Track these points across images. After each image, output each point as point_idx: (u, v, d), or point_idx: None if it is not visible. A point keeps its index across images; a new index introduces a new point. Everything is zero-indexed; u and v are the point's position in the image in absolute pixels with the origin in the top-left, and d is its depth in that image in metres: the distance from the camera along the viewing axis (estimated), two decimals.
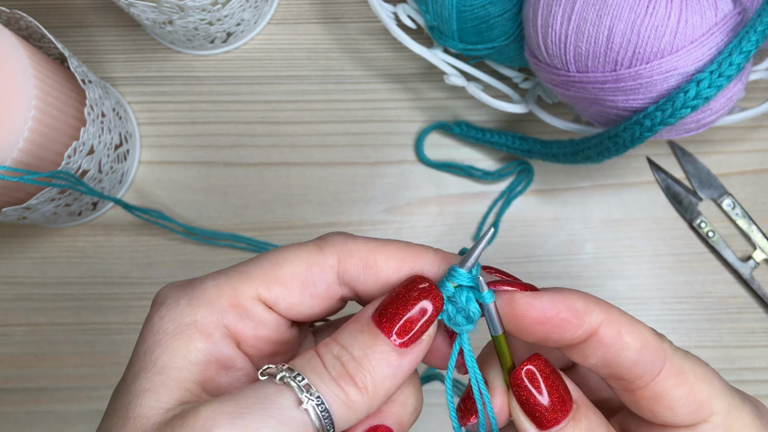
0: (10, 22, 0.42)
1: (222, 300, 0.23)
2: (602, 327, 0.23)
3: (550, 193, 0.50)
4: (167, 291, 0.24)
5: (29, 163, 0.39)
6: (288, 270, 0.24)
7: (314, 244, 0.24)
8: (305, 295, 0.24)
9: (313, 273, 0.24)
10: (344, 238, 0.25)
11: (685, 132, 0.40)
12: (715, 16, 0.36)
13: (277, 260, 0.24)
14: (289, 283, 0.24)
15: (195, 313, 0.23)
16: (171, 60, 0.52)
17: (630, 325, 0.23)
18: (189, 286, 0.24)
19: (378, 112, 0.51)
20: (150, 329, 0.23)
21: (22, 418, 0.48)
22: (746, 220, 0.49)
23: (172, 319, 0.23)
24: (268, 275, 0.23)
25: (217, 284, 0.23)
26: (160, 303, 0.24)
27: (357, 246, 0.24)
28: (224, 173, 0.50)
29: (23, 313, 0.49)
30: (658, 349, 0.23)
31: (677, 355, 0.23)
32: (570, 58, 0.38)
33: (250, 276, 0.23)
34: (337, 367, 0.21)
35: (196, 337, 0.23)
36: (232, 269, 0.24)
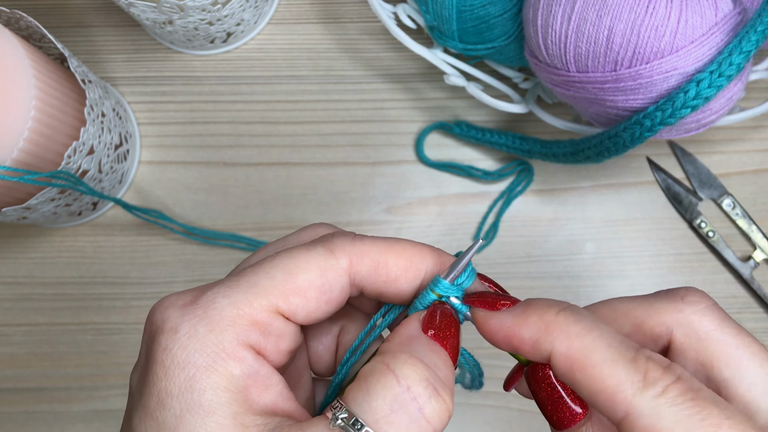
0: (10, 22, 0.42)
1: (242, 319, 0.22)
2: (552, 358, 0.21)
3: (550, 193, 0.50)
4: (175, 314, 0.22)
5: (29, 163, 0.39)
6: (304, 278, 0.23)
7: (323, 247, 0.24)
8: (322, 302, 0.23)
9: (329, 279, 0.23)
10: (352, 240, 0.24)
11: (685, 132, 0.40)
12: (715, 16, 0.36)
13: (290, 269, 0.23)
14: (306, 292, 0.23)
15: (220, 339, 0.21)
16: (171, 60, 0.52)
17: (587, 362, 0.20)
18: (199, 307, 0.22)
19: (378, 112, 0.51)
20: (174, 362, 0.21)
21: (22, 418, 0.48)
22: (746, 220, 0.49)
23: (197, 350, 0.21)
24: (284, 287, 0.22)
25: (232, 303, 0.22)
26: (172, 330, 0.22)
27: (367, 247, 0.24)
28: (224, 173, 0.50)
29: (23, 313, 0.49)
30: (621, 399, 0.20)
31: (657, 410, 0.19)
32: (570, 58, 0.38)
33: (265, 289, 0.22)
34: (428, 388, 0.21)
35: (230, 365, 0.21)
36: (241, 281, 0.23)
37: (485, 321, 0.23)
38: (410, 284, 0.24)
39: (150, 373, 0.22)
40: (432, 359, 0.22)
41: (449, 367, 0.22)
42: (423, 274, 0.24)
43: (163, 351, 0.22)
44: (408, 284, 0.24)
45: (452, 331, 0.23)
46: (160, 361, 0.22)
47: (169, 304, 0.23)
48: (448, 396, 0.21)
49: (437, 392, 0.21)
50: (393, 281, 0.24)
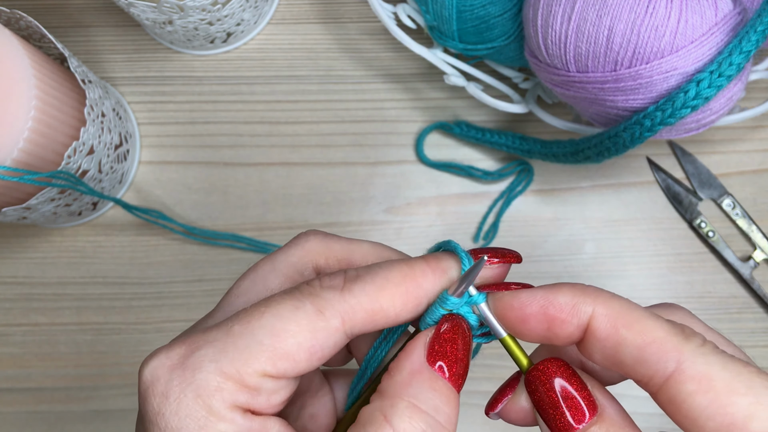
0: (10, 22, 0.42)
1: (229, 385, 0.22)
2: (594, 320, 0.21)
3: (550, 193, 0.50)
4: (163, 376, 0.22)
5: (29, 163, 0.39)
6: (292, 342, 0.22)
7: (312, 304, 0.23)
8: (314, 361, 0.23)
9: (319, 340, 0.22)
10: (341, 294, 0.23)
11: (685, 132, 0.40)
12: (715, 16, 0.36)
13: (277, 332, 0.22)
14: (295, 356, 0.22)
15: (209, 404, 0.21)
16: (171, 60, 0.52)
17: (631, 318, 0.21)
18: (187, 371, 0.22)
19: (378, 112, 0.51)
20: (168, 427, 0.22)
21: (22, 418, 0.48)
22: (746, 220, 0.49)
23: (188, 416, 0.21)
24: (272, 352, 0.22)
25: (218, 369, 0.22)
26: (163, 395, 0.22)
27: (357, 300, 0.23)
28: (224, 173, 0.50)
29: (23, 313, 0.49)
30: (670, 347, 0.20)
31: (705, 358, 0.20)
32: (570, 58, 0.38)
33: (252, 353, 0.22)
34: None
35: (221, 426, 0.21)
36: (228, 344, 0.22)
37: (513, 299, 0.22)
38: (413, 314, 0.24)
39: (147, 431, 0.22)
40: (434, 402, 0.21)
41: (452, 405, 0.22)
42: (425, 300, 0.24)
43: (157, 415, 0.22)
44: (410, 314, 0.24)
45: (462, 352, 0.23)
46: (156, 424, 0.22)
47: (159, 364, 0.23)
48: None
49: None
50: (393, 320, 0.23)
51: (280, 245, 0.49)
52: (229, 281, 0.49)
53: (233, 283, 0.27)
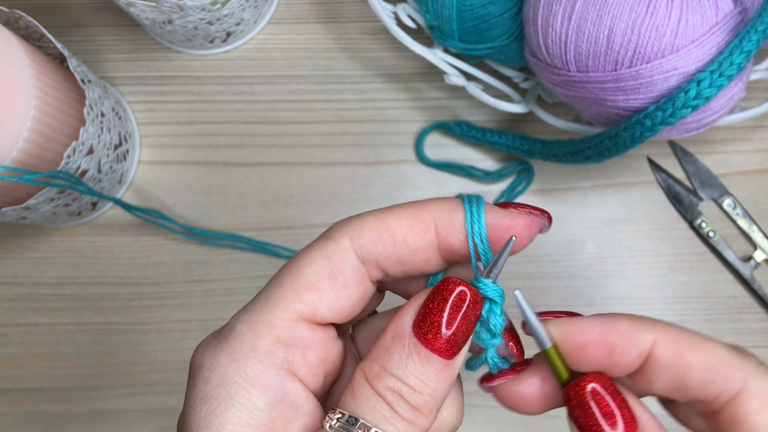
0: (10, 21, 0.42)
1: (263, 341, 0.21)
2: (657, 346, 0.21)
3: (550, 193, 0.50)
4: (201, 350, 0.22)
5: (29, 163, 0.39)
6: (310, 272, 0.22)
7: (321, 237, 0.23)
8: (338, 287, 0.22)
9: (335, 263, 0.22)
10: (348, 219, 0.23)
11: (686, 132, 0.40)
12: (716, 15, 0.36)
13: (294, 270, 0.22)
14: (317, 283, 0.22)
15: (243, 368, 0.21)
16: (171, 60, 0.52)
17: (692, 342, 0.21)
18: (222, 337, 0.22)
19: (378, 112, 0.51)
20: (197, 397, 0.21)
21: (21, 418, 0.48)
22: (747, 220, 0.49)
23: (219, 383, 0.21)
24: (294, 288, 0.22)
25: (250, 326, 0.21)
26: (198, 365, 0.21)
27: (364, 220, 0.23)
28: (224, 173, 0.50)
29: (23, 313, 0.49)
30: (734, 367, 0.21)
31: (762, 372, 0.21)
32: (570, 58, 0.38)
33: (277, 299, 0.22)
34: (402, 405, 0.20)
35: (254, 395, 0.20)
36: (255, 302, 0.22)
37: (572, 325, 0.22)
38: (422, 240, 0.23)
39: (183, 410, 0.22)
40: (409, 370, 0.20)
41: (432, 374, 0.21)
42: (433, 226, 0.23)
43: (191, 387, 0.21)
44: (420, 241, 0.23)
45: (457, 324, 0.21)
46: (188, 399, 0.21)
47: (202, 343, 0.22)
48: (424, 419, 0.21)
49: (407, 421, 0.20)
50: (402, 242, 0.23)
51: (279, 245, 0.49)
52: (229, 281, 0.49)
53: None
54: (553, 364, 0.22)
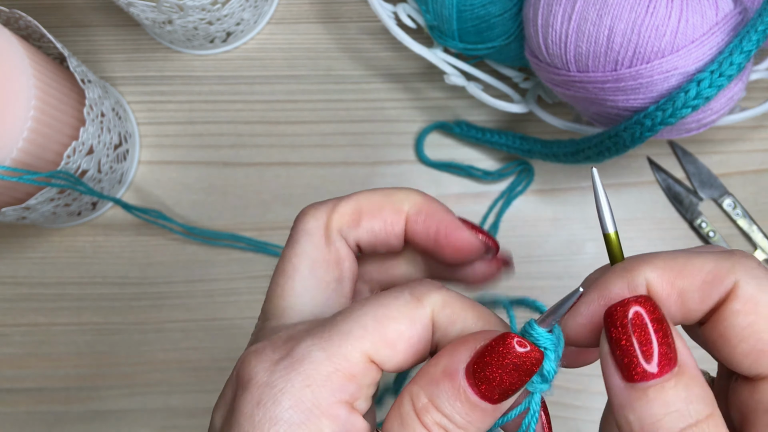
0: (10, 21, 0.42)
1: (339, 374, 0.21)
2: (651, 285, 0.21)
3: (551, 193, 0.50)
4: (265, 367, 0.22)
5: (28, 163, 0.39)
6: (394, 329, 0.22)
7: (409, 293, 0.23)
8: (410, 354, 0.22)
9: (417, 331, 0.22)
10: (438, 287, 0.23)
11: (686, 132, 0.40)
12: (716, 15, 0.36)
13: (380, 318, 0.22)
14: (396, 344, 0.22)
15: (317, 395, 0.21)
16: (171, 60, 0.52)
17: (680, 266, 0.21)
18: (294, 360, 0.22)
19: (378, 112, 0.51)
20: (265, 417, 0.21)
21: (22, 418, 0.48)
22: (747, 220, 0.49)
23: (291, 407, 0.21)
24: (375, 336, 0.22)
25: (328, 356, 0.21)
26: (267, 385, 0.21)
27: (452, 299, 0.23)
28: (224, 173, 0.50)
29: (23, 313, 0.49)
30: (724, 274, 0.20)
31: (758, 281, 0.20)
32: (570, 58, 0.38)
33: (357, 338, 0.22)
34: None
35: (323, 423, 0.21)
36: (333, 330, 0.22)
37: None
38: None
39: (236, 423, 0.21)
40: (452, 409, 0.21)
41: (476, 416, 0.21)
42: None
43: (256, 405, 0.21)
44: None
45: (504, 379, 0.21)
46: (249, 415, 0.21)
47: (264, 356, 0.22)
48: None
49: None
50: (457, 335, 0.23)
51: (280, 245, 0.49)
52: (229, 281, 0.49)
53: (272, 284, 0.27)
54: (612, 249, 0.23)
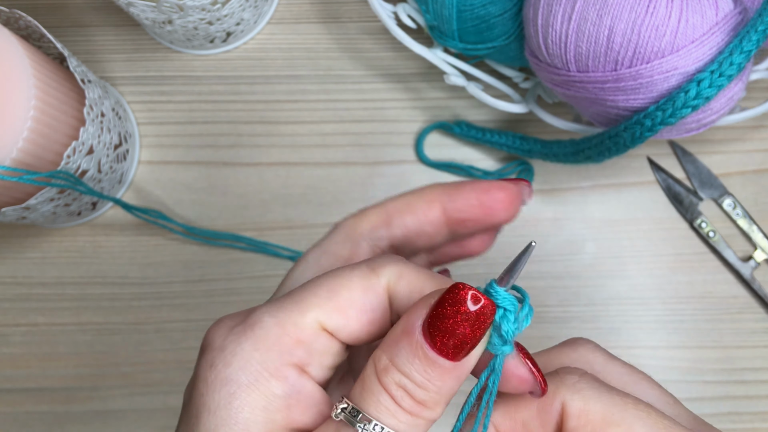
0: (10, 21, 0.42)
1: (287, 338, 0.22)
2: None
3: (550, 193, 0.50)
4: (223, 333, 0.23)
5: (28, 163, 0.39)
6: (346, 296, 0.23)
7: (366, 265, 0.23)
8: (364, 321, 0.23)
9: (370, 298, 0.23)
10: (395, 260, 0.24)
11: (686, 132, 0.40)
12: (716, 15, 0.36)
13: (333, 286, 0.23)
14: (348, 310, 0.23)
15: (265, 358, 0.22)
16: (171, 60, 0.52)
17: (514, 401, 0.23)
18: (247, 326, 0.22)
19: (378, 112, 0.51)
20: (217, 378, 0.22)
21: (22, 418, 0.48)
22: (747, 220, 0.49)
23: (241, 368, 0.22)
24: (328, 304, 0.22)
25: (278, 322, 0.22)
26: (220, 348, 0.22)
27: (408, 270, 0.23)
28: (224, 173, 0.50)
29: (23, 313, 0.49)
30: (552, 392, 0.22)
31: (581, 393, 0.22)
32: (570, 58, 0.38)
33: (309, 306, 0.22)
34: (406, 400, 0.21)
35: (272, 384, 0.22)
36: (287, 300, 0.23)
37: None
38: None
39: (195, 388, 0.22)
40: (412, 367, 0.21)
41: (436, 374, 0.21)
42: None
43: (209, 367, 0.22)
44: None
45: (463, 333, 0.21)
46: (204, 377, 0.22)
47: (221, 323, 0.23)
48: (430, 412, 0.21)
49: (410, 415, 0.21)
50: None
51: (280, 245, 0.49)
52: (229, 281, 0.49)
53: (284, 277, 0.27)
54: None
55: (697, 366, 0.48)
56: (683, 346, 0.48)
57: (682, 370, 0.48)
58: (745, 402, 0.47)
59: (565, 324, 0.48)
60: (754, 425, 0.47)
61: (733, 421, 0.47)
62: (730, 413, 0.47)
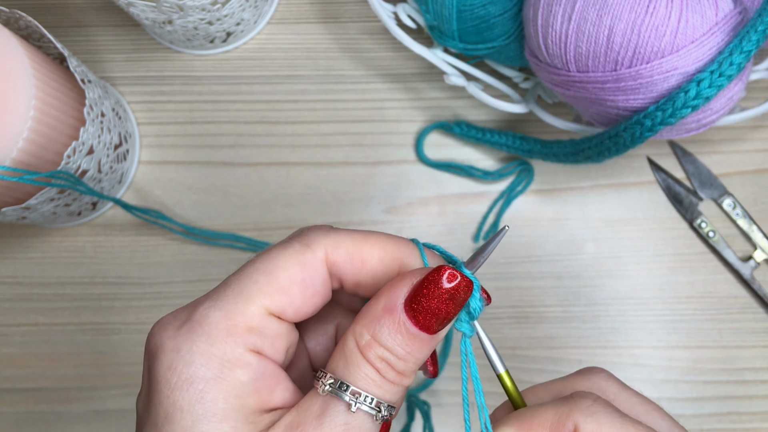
0: (10, 21, 0.42)
1: (237, 328, 0.23)
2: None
3: (550, 193, 0.50)
4: (171, 334, 0.23)
5: (29, 163, 0.39)
6: (285, 276, 0.24)
7: (299, 242, 0.24)
8: (307, 296, 0.24)
9: (308, 272, 0.24)
10: (326, 231, 0.25)
11: (686, 132, 0.40)
12: (716, 15, 0.36)
13: (270, 270, 0.24)
14: (289, 288, 0.24)
15: (223, 351, 0.22)
16: (171, 60, 0.52)
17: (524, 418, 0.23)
18: (194, 323, 0.23)
19: (378, 112, 0.51)
20: (180, 379, 0.22)
21: (22, 418, 0.48)
22: (747, 220, 0.49)
23: (203, 364, 0.22)
24: (269, 288, 0.23)
25: (225, 315, 0.23)
26: (174, 349, 0.23)
27: (342, 238, 0.25)
28: (224, 173, 0.50)
29: (23, 313, 0.49)
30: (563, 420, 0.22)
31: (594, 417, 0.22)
32: (570, 58, 0.38)
33: (251, 294, 0.23)
34: (390, 372, 0.23)
35: (237, 372, 0.22)
36: (228, 291, 0.23)
37: None
38: (386, 273, 0.25)
39: (155, 392, 0.23)
40: (394, 341, 0.22)
41: (416, 346, 0.23)
42: (399, 264, 0.25)
43: (168, 370, 0.22)
44: (384, 273, 0.25)
45: (442, 309, 0.23)
46: (165, 380, 0.22)
47: (166, 325, 0.24)
48: (408, 380, 0.23)
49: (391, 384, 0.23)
50: (369, 270, 0.25)
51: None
52: None
53: None
54: (506, 386, 0.25)
55: (697, 366, 0.48)
56: (683, 346, 0.48)
57: (682, 370, 0.48)
58: (745, 402, 0.47)
59: (565, 324, 0.48)
60: (754, 425, 0.47)
61: (733, 421, 0.47)
62: (730, 413, 0.47)
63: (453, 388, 0.48)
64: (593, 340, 0.48)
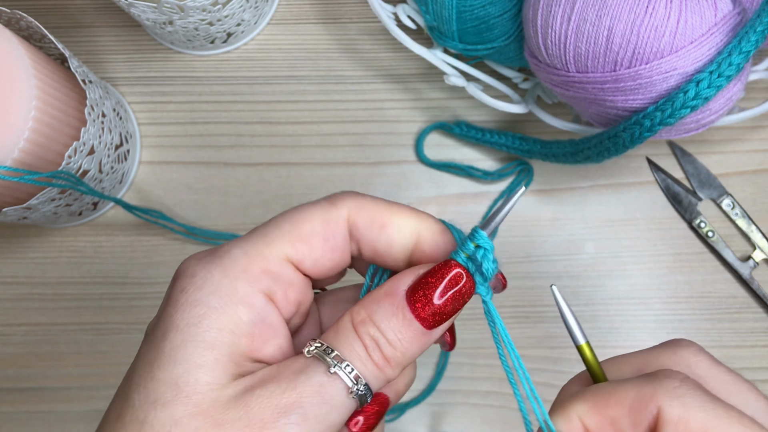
0: (11, 22, 0.42)
1: (254, 267, 0.23)
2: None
3: (550, 193, 0.50)
4: (194, 263, 0.24)
5: (30, 163, 0.39)
6: (308, 227, 0.24)
7: (326, 200, 0.25)
8: (327, 249, 0.25)
9: (330, 227, 0.25)
10: (354, 194, 0.26)
11: (685, 132, 0.40)
12: (715, 16, 0.36)
13: (295, 220, 0.25)
14: (311, 239, 0.24)
15: (234, 285, 0.23)
16: (171, 60, 0.52)
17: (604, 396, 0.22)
18: (216, 257, 0.24)
19: (378, 112, 0.51)
20: (187, 301, 0.23)
21: (22, 418, 0.48)
22: (746, 220, 0.49)
23: (212, 293, 0.23)
24: (291, 235, 0.24)
25: (244, 252, 0.24)
26: (191, 275, 0.23)
27: (366, 202, 0.25)
28: (224, 173, 0.50)
29: (23, 313, 0.49)
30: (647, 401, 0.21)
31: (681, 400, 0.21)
32: (570, 59, 0.38)
33: (274, 238, 0.24)
34: (376, 352, 0.23)
35: (240, 310, 0.23)
36: (253, 235, 0.24)
37: None
38: (404, 244, 0.25)
39: (164, 311, 0.23)
40: (389, 325, 0.23)
41: (410, 337, 0.23)
42: (416, 237, 0.25)
43: (180, 291, 0.23)
44: (402, 244, 0.25)
45: (444, 303, 0.23)
46: (174, 300, 0.23)
47: (193, 257, 0.25)
48: (391, 370, 0.23)
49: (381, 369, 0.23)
50: (387, 237, 0.25)
51: None
52: None
53: None
54: (586, 359, 0.24)
55: None
56: None
57: None
58: None
59: None
60: None
61: None
62: None
63: (453, 387, 0.48)
64: (593, 340, 0.48)
